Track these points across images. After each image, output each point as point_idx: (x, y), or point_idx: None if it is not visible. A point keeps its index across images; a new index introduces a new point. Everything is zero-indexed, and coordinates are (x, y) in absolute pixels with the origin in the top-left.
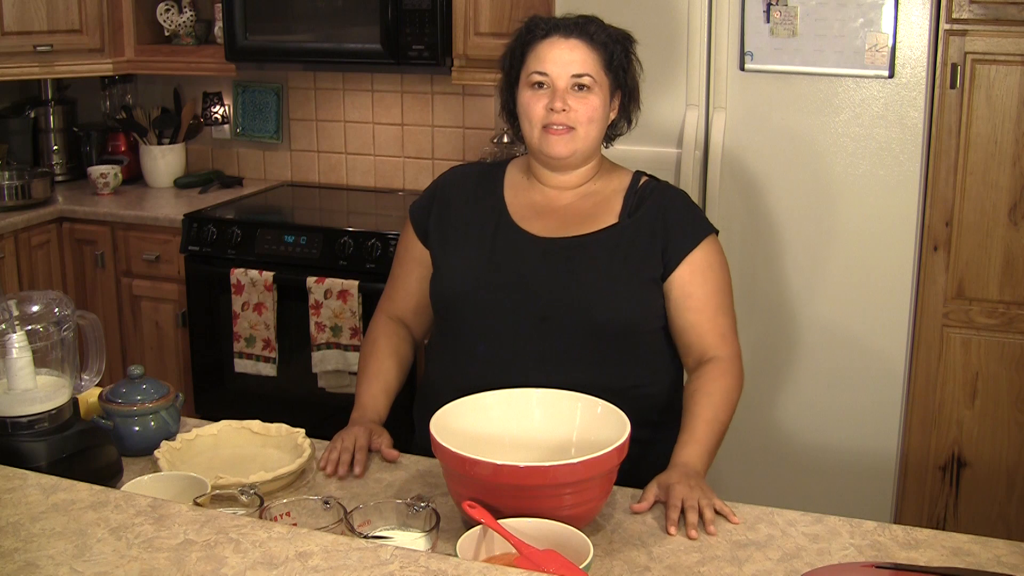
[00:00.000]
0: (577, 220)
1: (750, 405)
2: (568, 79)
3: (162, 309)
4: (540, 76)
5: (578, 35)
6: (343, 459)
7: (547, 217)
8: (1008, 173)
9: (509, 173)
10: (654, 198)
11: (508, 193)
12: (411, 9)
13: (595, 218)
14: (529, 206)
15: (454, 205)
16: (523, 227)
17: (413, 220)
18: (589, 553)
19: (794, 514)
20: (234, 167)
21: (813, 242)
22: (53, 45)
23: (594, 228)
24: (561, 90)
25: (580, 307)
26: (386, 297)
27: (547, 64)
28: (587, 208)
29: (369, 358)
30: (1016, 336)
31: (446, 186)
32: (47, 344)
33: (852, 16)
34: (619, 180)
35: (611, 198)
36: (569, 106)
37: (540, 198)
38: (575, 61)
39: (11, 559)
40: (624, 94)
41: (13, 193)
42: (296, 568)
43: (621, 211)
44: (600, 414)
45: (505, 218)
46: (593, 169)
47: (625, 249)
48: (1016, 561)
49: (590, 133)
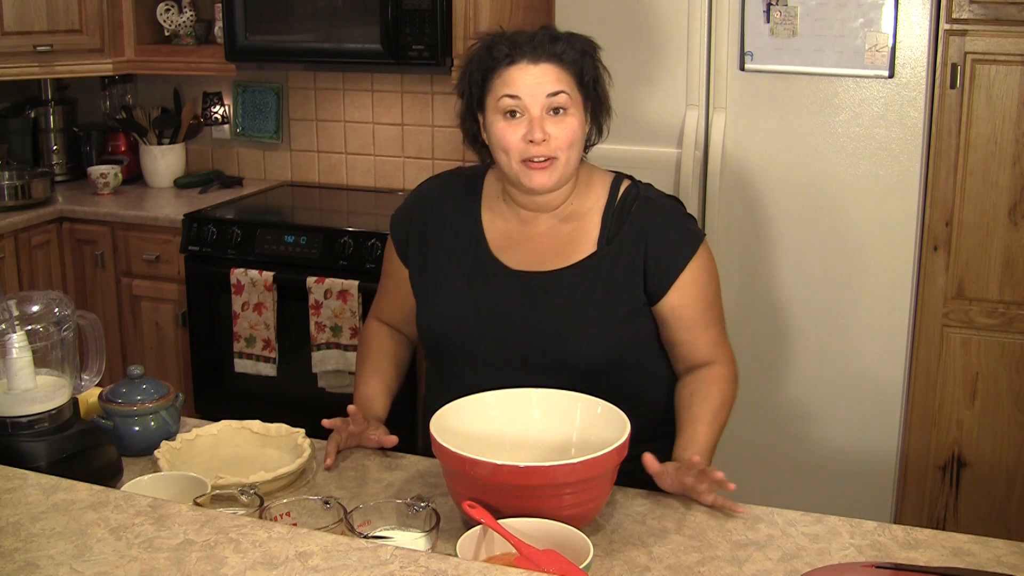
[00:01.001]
0: (554, 251)
1: (750, 405)
2: (543, 103)
3: (162, 309)
4: (512, 102)
5: (547, 58)
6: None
7: (524, 246)
8: (1008, 173)
9: (486, 189)
10: (634, 217)
11: (485, 216)
12: (411, 9)
13: (573, 246)
14: (505, 234)
15: (431, 225)
16: (500, 259)
17: (393, 236)
18: (589, 553)
19: (794, 514)
20: (234, 167)
21: (813, 242)
22: (53, 45)
23: (572, 260)
24: (537, 118)
25: (562, 350)
26: (376, 305)
27: (519, 89)
28: (564, 235)
29: (364, 359)
30: (1016, 336)
31: (423, 202)
32: (47, 344)
33: (852, 16)
34: (597, 194)
35: (588, 219)
36: (548, 134)
37: (517, 226)
38: (548, 83)
39: (11, 559)
40: (595, 105)
41: (13, 193)
42: (296, 568)
43: (599, 236)
44: (600, 414)
45: (482, 247)
46: (571, 187)
47: (604, 281)
48: (1016, 561)
49: (571, 158)
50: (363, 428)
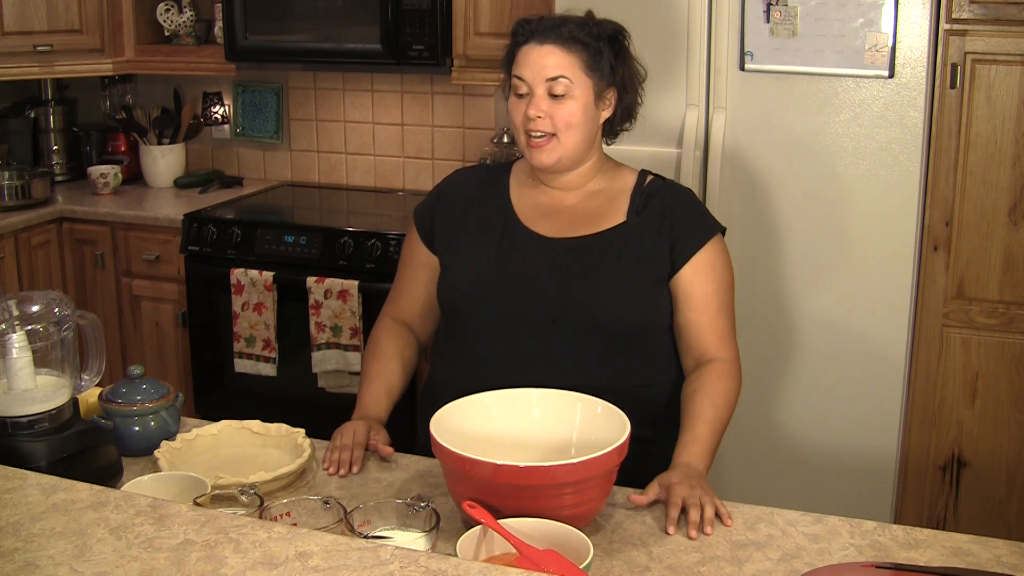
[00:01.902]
0: (584, 220)
1: (750, 405)
2: (543, 84)
3: (162, 309)
4: (519, 82)
5: (552, 39)
6: (343, 458)
7: (554, 217)
8: (1008, 173)
9: (514, 174)
10: (661, 196)
11: (514, 194)
12: (411, 9)
13: (602, 217)
14: (535, 207)
15: (458, 208)
16: (531, 228)
17: (417, 224)
18: (589, 553)
19: (794, 514)
20: (234, 167)
21: (813, 242)
22: (53, 45)
23: (602, 227)
24: (538, 97)
25: (589, 307)
26: (391, 301)
27: (523, 70)
28: (594, 207)
29: (372, 360)
30: (1016, 336)
31: (450, 189)
32: (47, 344)
33: (852, 16)
34: (625, 179)
35: (617, 197)
36: (544, 112)
37: (546, 199)
38: (548, 66)
39: (11, 559)
40: (619, 90)
41: (13, 193)
42: (296, 568)
43: (628, 209)
44: (600, 414)
45: (512, 219)
46: (594, 167)
47: (634, 248)
48: (1016, 561)
49: (572, 138)
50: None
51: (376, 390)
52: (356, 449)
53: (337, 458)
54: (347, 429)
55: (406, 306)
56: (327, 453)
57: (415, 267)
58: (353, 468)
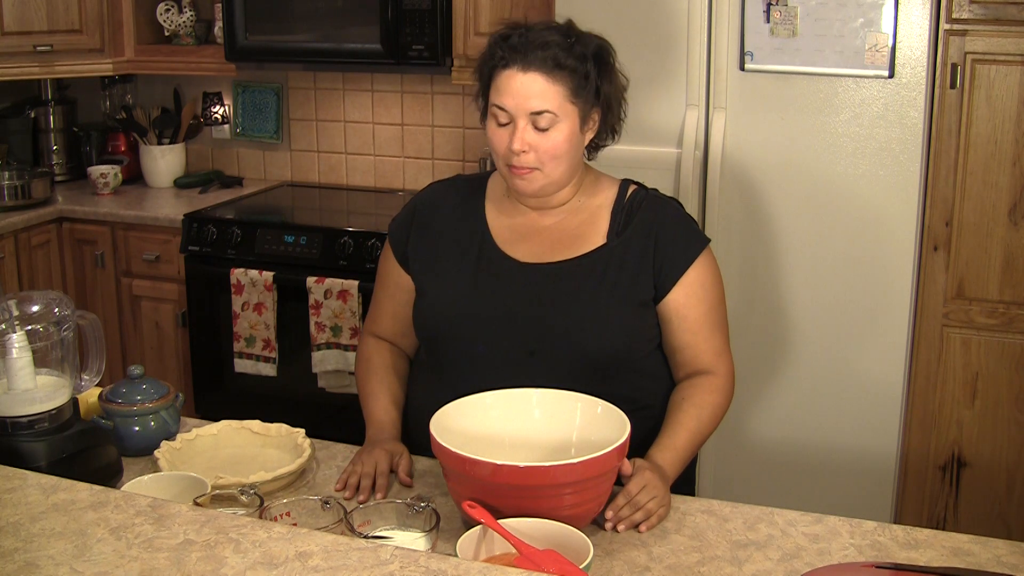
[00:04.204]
0: (563, 242)
1: (750, 405)
2: (527, 115)
3: (162, 309)
4: (499, 111)
5: (536, 67)
6: (363, 484)
7: (531, 240)
8: (1008, 173)
9: (490, 189)
10: (644, 212)
11: (490, 214)
12: (411, 9)
13: (582, 239)
14: (512, 228)
15: (433, 227)
16: (507, 252)
17: (392, 244)
18: (589, 553)
19: (794, 514)
20: (234, 167)
21: (813, 242)
22: (53, 45)
23: (581, 251)
24: (521, 128)
25: (569, 339)
26: (371, 320)
27: (505, 98)
28: (573, 228)
29: (369, 375)
30: (1016, 336)
31: (424, 207)
32: (47, 344)
33: (852, 16)
34: (605, 193)
35: (597, 214)
36: (531, 145)
37: (523, 219)
38: (533, 97)
39: (11, 559)
40: (604, 109)
41: (13, 193)
42: (296, 568)
43: (609, 229)
44: (600, 414)
45: (488, 242)
46: (574, 188)
47: (615, 272)
48: (1016, 561)
49: (557, 168)
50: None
51: (383, 402)
52: (380, 477)
53: (356, 483)
54: (368, 457)
55: (387, 325)
56: (343, 476)
57: (392, 287)
58: (377, 495)
